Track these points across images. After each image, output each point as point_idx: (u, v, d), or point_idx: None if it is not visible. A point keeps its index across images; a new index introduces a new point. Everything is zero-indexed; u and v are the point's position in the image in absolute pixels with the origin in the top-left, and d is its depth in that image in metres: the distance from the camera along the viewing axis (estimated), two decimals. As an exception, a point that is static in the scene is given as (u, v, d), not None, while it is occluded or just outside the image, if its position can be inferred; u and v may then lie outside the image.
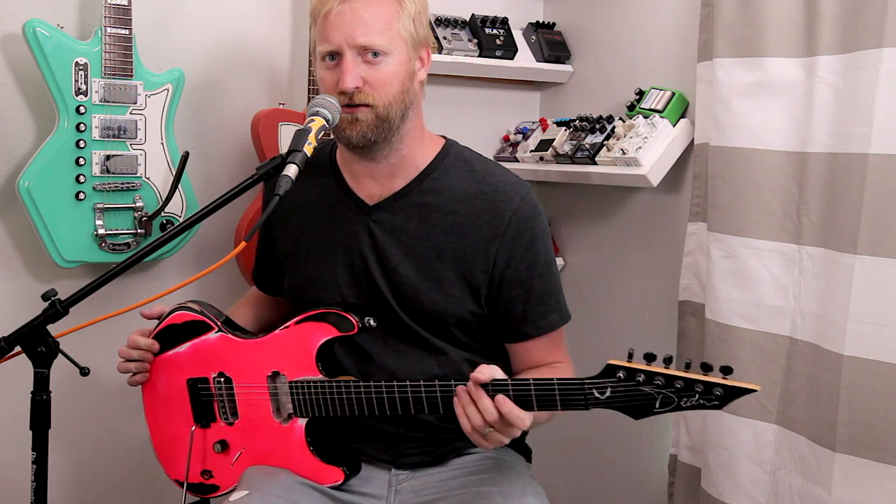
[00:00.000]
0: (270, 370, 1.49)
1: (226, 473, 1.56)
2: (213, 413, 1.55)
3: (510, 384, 1.28)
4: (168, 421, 1.60)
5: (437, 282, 1.48)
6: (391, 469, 1.55)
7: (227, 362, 1.54)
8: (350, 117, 1.43)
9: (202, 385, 1.55)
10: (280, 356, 1.49)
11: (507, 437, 1.30)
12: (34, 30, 1.85)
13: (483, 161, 1.57)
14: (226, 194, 1.38)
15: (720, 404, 1.17)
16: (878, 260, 1.59)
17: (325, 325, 1.46)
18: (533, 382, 1.27)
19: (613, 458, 2.37)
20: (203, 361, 1.56)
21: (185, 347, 1.56)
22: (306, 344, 1.47)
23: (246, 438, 1.54)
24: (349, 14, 1.40)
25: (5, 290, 2.04)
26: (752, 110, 1.81)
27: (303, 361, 1.47)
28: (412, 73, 1.47)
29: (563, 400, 1.26)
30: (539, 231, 1.51)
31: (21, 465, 1.49)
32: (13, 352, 1.32)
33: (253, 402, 1.52)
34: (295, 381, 1.47)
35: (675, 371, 1.18)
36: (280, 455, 1.51)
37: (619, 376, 1.21)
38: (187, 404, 1.57)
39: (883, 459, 1.59)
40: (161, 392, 1.59)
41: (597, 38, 2.45)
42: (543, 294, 1.52)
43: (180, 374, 1.57)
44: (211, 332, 1.55)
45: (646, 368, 1.20)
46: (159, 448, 1.63)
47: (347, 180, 1.57)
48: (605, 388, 1.21)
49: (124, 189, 1.99)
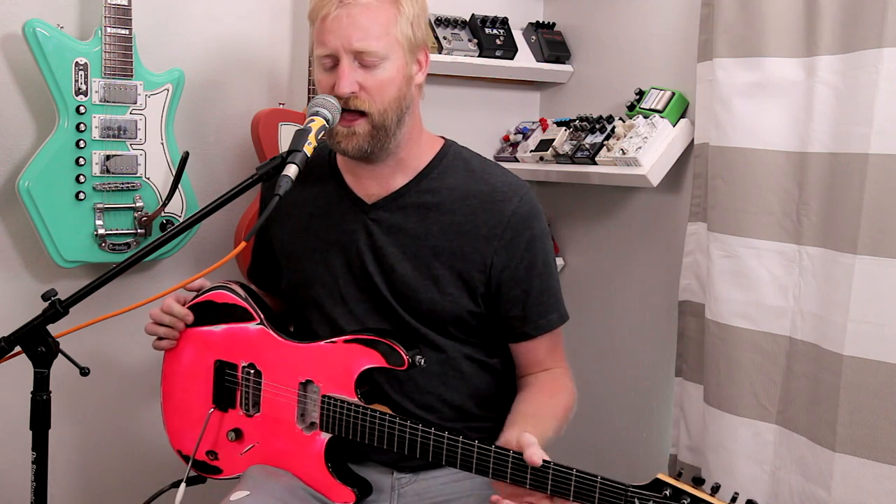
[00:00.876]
0: (304, 377, 1.48)
1: (232, 460, 1.55)
2: (235, 400, 1.55)
3: (551, 471, 1.24)
4: (185, 394, 1.59)
5: (433, 280, 1.48)
6: (393, 472, 1.55)
7: (261, 356, 1.53)
8: (346, 130, 1.43)
9: (230, 370, 1.55)
10: (318, 367, 1.47)
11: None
12: (34, 30, 1.85)
13: (482, 161, 1.57)
14: (226, 194, 1.38)
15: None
16: (878, 260, 1.59)
17: (374, 352, 1.43)
18: (575, 474, 1.24)
19: (613, 458, 2.37)
20: (236, 347, 1.54)
21: (220, 328, 1.56)
22: (349, 364, 1.44)
23: (262, 434, 1.53)
24: (346, 19, 1.39)
25: (5, 290, 2.04)
26: (752, 110, 1.81)
27: (341, 380, 1.45)
28: (409, 77, 1.46)
29: (602, 500, 1.23)
30: (538, 231, 1.51)
31: (21, 465, 1.49)
32: (13, 352, 1.32)
33: (278, 401, 1.51)
34: (328, 396, 1.45)
35: (719, 501, 1.16)
36: (294, 461, 1.50)
37: (665, 493, 1.19)
38: (209, 384, 1.56)
39: (883, 459, 1.59)
40: (185, 364, 1.58)
41: (597, 38, 2.45)
42: (543, 294, 1.52)
43: (209, 352, 1.56)
44: (252, 322, 1.54)
45: (693, 492, 1.17)
46: (169, 416, 1.62)
47: (347, 179, 1.57)
48: (648, 501, 1.20)
49: (124, 189, 1.99)
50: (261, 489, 1.44)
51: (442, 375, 1.52)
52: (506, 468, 1.28)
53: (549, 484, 1.25)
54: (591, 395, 2.35)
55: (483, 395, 1.55)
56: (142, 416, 2.22)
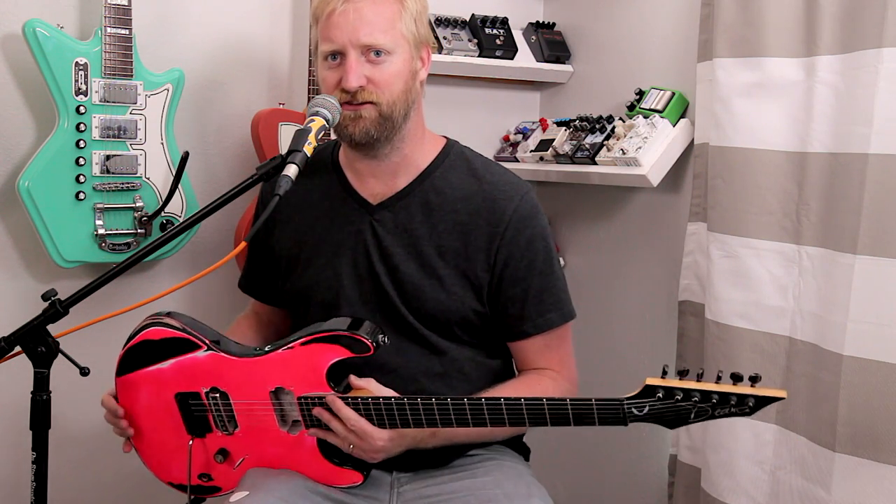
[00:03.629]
0: (273, 386, 1.44)
1: (227, 476, 1.53)
2: (209, 425, 1.50)
3: (545, 400, 1.29)
4: (155, 432, 1.52)
5: (439, 280, 1.49)
6: (393, 472, 1.55)
7: (220, 379, 1.47)
8: (353, 114, 1.43)
9: (193, 399, 1.49)
10: (284, 374, 1.43)
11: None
12: (34, 30, 1.85)
13: (484, 160, 1.58)
14: (226, 194, 1.38)
15: (751, 412, 1.21)
16: (878, 260, 1.59)
17: (336, 346, 1.40)
18: (570, 402, 1.28)
19: (613, 458, 2.37)
20: (192, 378, 1.47)
21: (168, 364, 1.48)
22: (315, 363, 1.41)
23: (249, 446, 1.50)
24: (353, 13, 1.41)
25: (5, 290, 2.04)
26: (752, 110, 1.81)
27: (311, 379, 1.41)
28: (414, 72, 1.48)
29: (602, 417, 1.27)
30: (539, 230, 1.52)
31: (21, 465, 1.49)
32: (13, 352, 1.32)
33: (254, 414, 1.47)
34: (304, 397, 1.43)
35: (710, 386, 1.22)
36: (291, 460, 1.48)
37: (658, 395, 1.24)
38: (177, 417, 1.50)
39: (883, 459, 1.59)
40: (145, 405, 1.51)
41: (597, 38, 2.45)
42: (543, 293, 1.52)
43: (166, 388, 1.49)
44: (198, 351, 1.47)
45: (683, 386, 1.23)
46: (146, 454, 1.56)
47: (350, 180, 1.57)
48: (644, 406, 1.25)
49: (124, 189, 1.99)
50: (260, 489, 1.44)
51: (445, 378, 1.52)
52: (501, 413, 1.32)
53: (547, 418, 1.29)
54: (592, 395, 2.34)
55: None
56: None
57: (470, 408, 1.33)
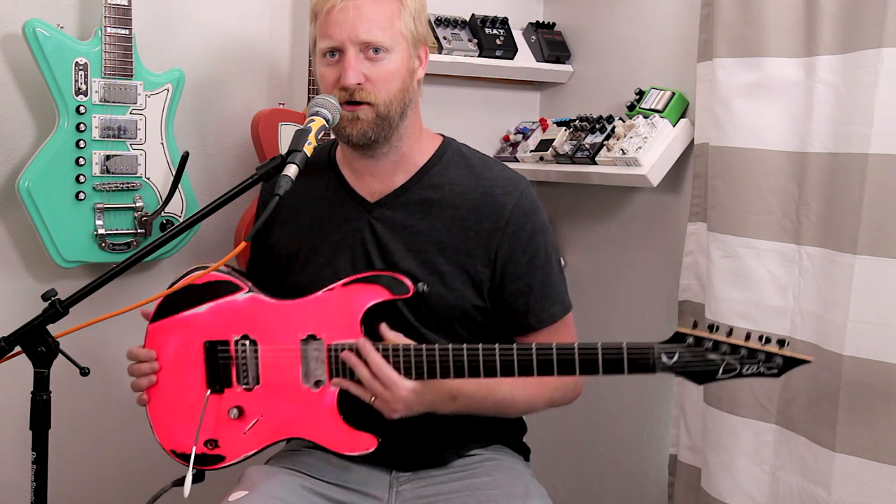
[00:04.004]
0: (305, 333, 1.44)
1: (235, 443, 1.50)
2: (230, 378, 1.49)
3: (576, 346, 1.30)
4: (174, 388, 1.51)
5: (439, 276, 1.49)
6: (392, 471, 1.55)
7: (254, 324, 1.48)
8: (351, 115, 1.44)
9: (222, 348, 1.49)
10: (319, 319, 1.43)
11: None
12: (34, 30, 1.85)
13: (481, 157, 1.59)
14: (226, 194, 1.38)
15: (778, 373, 1.22)
16: (878, 260, 1.59)
17: (376, 287, 1.41)
18: (601, 345, 1.29)
19: (613, 458, 2.37)
20: (225, 323, 1.48)
21: (204, 308, 1.49)
22: (351, 307, 1.41)
23: (265, 406, 1.48)
24: (352, 10, 1.41)
25: (5, 290, 2.04)
26: (752, 110, 1.81)
27: (345, 325, 1.41)
28: (412, 70, 1.49)
29: (631, 363, 1.28)
30: (539, 224, 1.53)
31: (21, 465, 1.49)
32: (13, 352, 1.32)
33: (279, 366, 1.46)
34: (334, 345, 1.42)
35: (738, 341, 1.24)
36: (305, 423, 1.46)
37: (688, 342, 1.25)
38: (201, 368, 1.49)
39: (883, 459, 1.59)
40: (170, 357, 1.51)
41: (597, 38, 2.45)
42: (545, 286, 1.53)
43: (196, 336, 1.49)
44: (239, 293, 1.49)
45: (713, 337, 1.24)
46: (157, 416, 1.53)
47: (348, 178, 1.57)
48: (674, 354, 1.26)
49: (124, 189, 1.99)
50: (259, 489, 1.44)
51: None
52: (531, 360, 1.33)
53: (576, 366, 1.30)
54: (592, 394, 2.34)
55: None
56: (142, 416, 2.22)
57: (500, 355, 1.34)
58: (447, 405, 1.44)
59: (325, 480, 1.53)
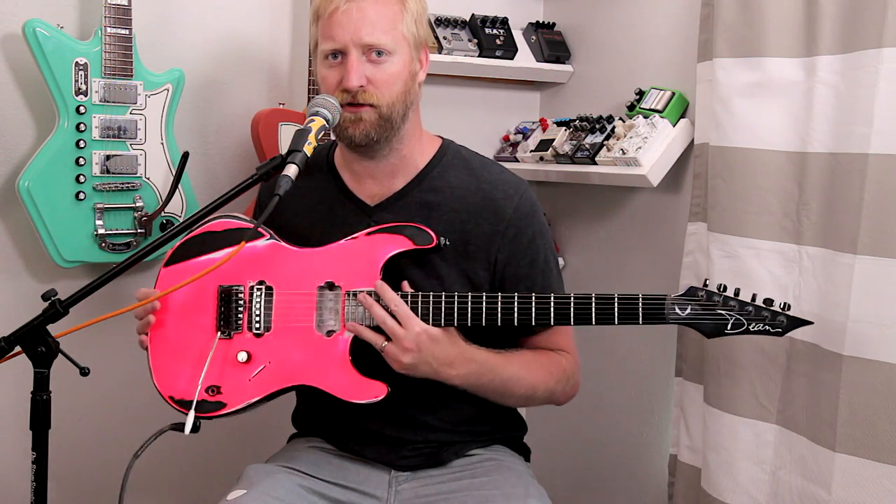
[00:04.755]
0: (323, 280, 1.43)
1: (238, 389, 1.46)
2: (241, 323, 1.47)
3: (594, 295, 1.38)
4: (181, 333, 1.48)
5: (439, 279, 1.49)
6: (391, 471, 1.55)
7: (271, 270, 1.46)
8: (353, 116, 1.44)
9: (236, 292, 1.47)
10: (339, 267, 1.42)
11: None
12: (34, 30, 1.85)
13: (481, 159, 1.59)
14: (226, 194, 1.38)
15: (782, 332, 1.34)
16: (878, 260, 1.59)
17: (399, 237, 1.40)
18: (618, 296, 1.38)
19: (613, 458, 2.37)
20: (242, 268, 1.46)
21: (222, 253, 1.45)
22: (373, 255, 1.40)
23: (274, 352, 1.46)
24: (356, 13, 1.41)
25: (5, 290, 2.04)
26: (752, 110, 1.81)
27: (365, 273, 1.40)
28: (413, 73, 1.49)
29: (646, 312, 1.37)
30: (539, 227, 1.53)
31: (21, 465, 1.49)
32: (13, 352, 1.32)
33: (293, 312, 1.45)
34: (352, 292, 1.40)
35: (746, 300, 1.35)
36: (314, 370, 1.44)
37: (700, 296, 1.36)
38: (212, 313, 1.47)
39: (883, 459, 1.59)
40: (181, 301, 1.48)
41: (597, 38, 2.45)
42: (546, 289, 1.54)
43: (210, 280, 1.46)
44: (260, 240, 1.47)
45: (723, 294, 1.36)
46: (158, 363, 1.49)
47: (347, 181, 1.57)
48: (687, 307, 1.36)
49: (124, 189, 1.99)
50: (257, 488, 1.44)
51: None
52: (548, 308, 1.40)
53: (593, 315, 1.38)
54: (592, 395, 2.34)
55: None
56: (142, 416, 2.22)
57: (518, 305, 1.39)
58: (460, 366, 1.42)
59: (323, 479, 1.53)
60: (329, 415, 1.60)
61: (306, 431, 1.69)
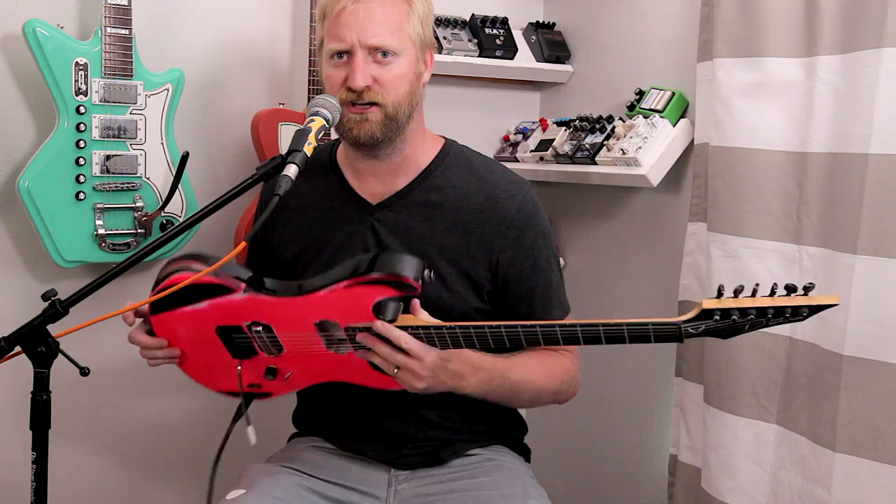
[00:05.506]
0: (318, 319, 1.40)
1: (277, 388, 1.51)
2: (255, 350, 1.47)
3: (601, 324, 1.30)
4: (202, 357, 1.49)
5: (441, 279, 1.49)
6: (391, 469, 1.55)
7: (262, 315, 1.43)
8: (359, 117, 1.44)
9: (236, 331, 1.45)
10: (328, 311, 1.39)
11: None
12: (34, 30, 1.85)
13: (483, 159, 1.59)
14: (226, 194, 1.38)
15: (807, 317, 1.25)
16: (878, 260, 1.59)
17: (382, 287, 1.33)
18: (626, 324, 1.29)
19: (613, 458, 2.37)
20: (231, 315, 1.43)
21: (204, 304, 1.43)
22: (360, 302, 1.36)
23: (298, 363, 1.46)
24: (363, 13, 1.41)
25: (5, 290, 2.04)
26: (752, 110, 1.81)
27: (357, 314, 1.36)
28: (419, 74, 1.49)
29: (657, 335, 1.29)
30: (541, 228, 1.53)
31: (21, 465, 1.49)
32: (13, 352, 1.32)
33: (300, 341, 1.43)
34: (350, 327, 1.38)
35: (765, 301, 1.24)
36: (340, 373, 1.45)
37: (714, 318, 1.25)
38: (221, 346, 1.47)
39: (883, 459, 1.59)
40: (186, 340, 1.48)
41: (597, 38, 2.45)
42: (547, 289, 1.54)
43: (205, 324, 1.45)
44: (236, 293, 1.43)
45: (739, 306, 1.24)
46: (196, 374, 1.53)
47: (349, 180, 1.57)
48: (700, 327, 1.28)
49: (124, 189, 1.99)
50: (257, 488, 1.44)
51: None
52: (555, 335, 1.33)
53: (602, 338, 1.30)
54: (592, 395, 2.35)
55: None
56: (142, 416, 2.22)
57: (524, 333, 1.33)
58: (471, 376, 1.40)
59: (323, 479, 1.53)
60: (329, 413, 1.61)
61: (306, 431, 1.69)
